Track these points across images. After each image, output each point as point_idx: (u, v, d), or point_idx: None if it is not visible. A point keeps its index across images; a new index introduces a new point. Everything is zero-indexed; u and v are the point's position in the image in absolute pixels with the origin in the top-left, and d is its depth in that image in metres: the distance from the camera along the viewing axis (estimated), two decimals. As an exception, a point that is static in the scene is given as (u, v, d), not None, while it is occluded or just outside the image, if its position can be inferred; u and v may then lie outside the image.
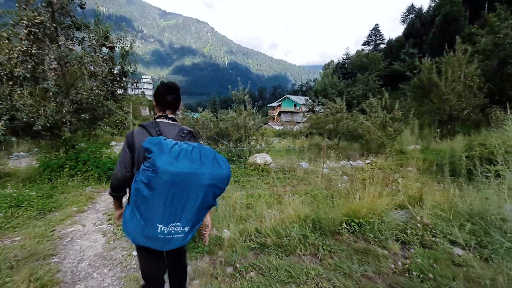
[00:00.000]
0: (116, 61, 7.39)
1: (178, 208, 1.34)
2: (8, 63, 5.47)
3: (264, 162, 9.27)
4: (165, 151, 1.31)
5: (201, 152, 1.39)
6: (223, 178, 1.43)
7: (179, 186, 1.30)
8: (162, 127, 1.61)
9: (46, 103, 5.74)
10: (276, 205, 5.75)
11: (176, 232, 1.38)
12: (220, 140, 10.55)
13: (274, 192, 7.04)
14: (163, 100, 1.67)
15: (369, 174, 8.19)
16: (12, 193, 4.90)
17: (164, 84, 1.70)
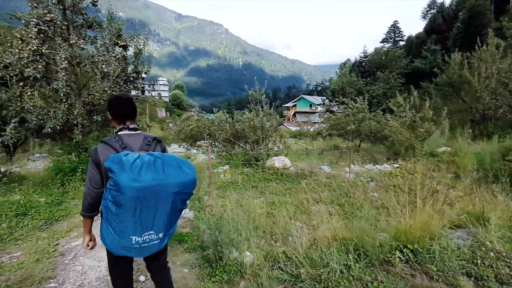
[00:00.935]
0: (129, 61, 7.08)
1: (148, 218, 1.38)
2: (18, 63, 5.24)
3: (283, 165, 8.73)
4: (126, 169, 1.32)
5: (164, 162, 1.40)
6: (189, 184, 1.45)
7: (145, 199, 1.33)
8: (125, 139, 1.60)
9: (57, 105, 5.48)
10: (299, 214, 5.23)
11: (151, 239, 1.43)
12: (237, 142, 10.10)
13: (295, 199, 6.50)
14: (120, 113, 1.65)
15: (401, 181, 7.48)
16: (19, 200, 4.63)
17: (116, 96, 1.70)
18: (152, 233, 1.42)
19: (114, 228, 1.39)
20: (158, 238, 1.45)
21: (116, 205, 1.34)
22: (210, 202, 4.94)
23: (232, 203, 5.22)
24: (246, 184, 7.30)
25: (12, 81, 5.12)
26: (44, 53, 5.46)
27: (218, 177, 7.31)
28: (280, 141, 10.07)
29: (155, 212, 1.39)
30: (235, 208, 5.10)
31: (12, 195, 5.32)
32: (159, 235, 1.45)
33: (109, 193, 1.36)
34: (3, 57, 5.17)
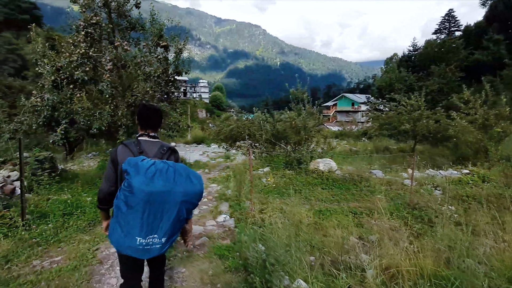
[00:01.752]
0: (171, 61, 7.02)
1: (154, 222, 1.45)
2: (68, 66, 5.42)
3: (328, 168, 7.98)
4: (141, 173, 1.44)
5: (175, 171, 1.50)
6: (195, 195, 1.54)
7: (154, 203, 1.43)
8: (144, 145, 1.72)
9: (103, 106, 5.56)
10: (353, 226, 4.54)
11: (154, 243, 1.48)
12: (277, 143, 9.61)
13: (346, 207, 5.77)
14: (146, 121, 1.77)
15: (475, 190, 6.25)
16: (67, 199, 4.73)
17: (146, 105, 1.81)
18: (156, 237, 1.47)
19: (122, 227, 1.46)
20: (160, 243, 1.49)
21: (127, 206, 1.43)
22: (252, 209, 4.51)
23: (275, 210, 4.74)
24: (289, 188, 6.76)
25: (63, 83, 5.30)
26: (91, 56, 5.58)
27: (259, 181, 6.88)
28: (325, 142, 9.30)
29: (161, 218, 1.45)
30: (279, 216, 4.61)
31: (63, 193, 5.52)
32: (161, 240, 1.49)
33: (122, 193, 1.46)
34: (55, 61, 5.38)
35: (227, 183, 7.40)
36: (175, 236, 1.57)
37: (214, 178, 8.59)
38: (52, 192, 5.36)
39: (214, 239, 3.41)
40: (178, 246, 3.32)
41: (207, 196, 5.90)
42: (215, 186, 7.28)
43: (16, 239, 3.36)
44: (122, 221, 1.46)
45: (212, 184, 7.66)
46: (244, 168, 8.83)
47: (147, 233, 1.45)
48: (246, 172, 8.16)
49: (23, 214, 3.70)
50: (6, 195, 4.73)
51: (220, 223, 4.07)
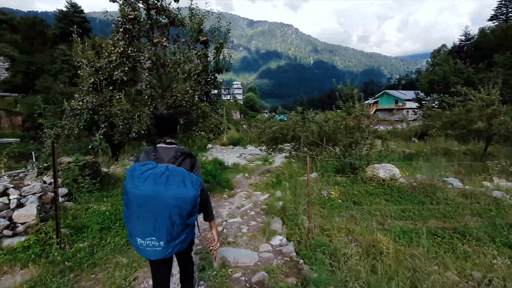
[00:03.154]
0: (210, 58, 6.46)
1: (149, 224, 1.49)
2: (108, 67, 5.09)
3: (390, 176, 6.80)
4: (134, 176, 1.52)
5: (170, 175, 1.53)
6: (187, 200, 1.52)
7: (145, 206, 1.48)
8: (160, 151, 1.83)
9: (142, 108, 5.14)
10: (450, 259, 3.48)
11: (153, 245, 1.51)
12: (325, 146, 8.61)
13: (423, 225, 4.65)
14: (160, 128, 1.90)
15: None
16: (106, 211, 4.33)
17: (157, 115, 1.94)
18: (154, 239, 1.50)
19: (127, 227, 1.60)
20: (160, 246, 1.51)
21: (126, 207, 1.56)
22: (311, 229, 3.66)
23: (340, 231, 3.83)
24: (344, 199, 5.76)
25: (102, 85, 4.98)
26: (130, 55, 5.20)
27: (314, 191, 5.98)
28: (384, 144, 8.08)
29: (155, 220, 1.48)
30: (348, 240, 3.70)
31: (103, 202, 5.21)
32: (160, 243, 1.51)
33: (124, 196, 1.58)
34: (94, 61, 5.09)
35: (273, 191, 6.64)
36: (177, 240, 1.55)
37: (256, 184, 7.89)
38: (92, 201, 5.07)
39: (275, 275, 2.64)
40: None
41: (254, 208, 5.17)
42: (260, 194, 6.55)
43: (48, 261, 2.94)
44: (127, 221, 1.57)
45: (256, 191, 6.95)
46: (294, 174, 8.00)
47: (145, 235, 1.50)
48: (294, 178, 7.33)
49: (57, 230, 3.31)
50: (46, 204, 4.49)
51: (277, 247, 3.29)
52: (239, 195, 6.48)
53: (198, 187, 1.58)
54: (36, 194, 3.99)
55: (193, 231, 1.68)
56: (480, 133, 9.99)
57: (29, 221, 3.67)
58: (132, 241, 1.57)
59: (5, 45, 29.37)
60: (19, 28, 33.95)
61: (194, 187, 1.55)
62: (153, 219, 1.47)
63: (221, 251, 3.12)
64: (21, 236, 3.50)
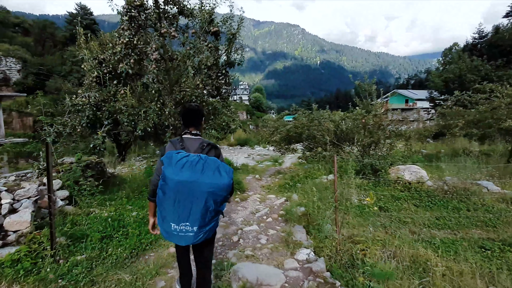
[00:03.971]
0: (221, 50, 6.00)
1: (184, 210, 1.59)
2: (112, 59, 4.67)
3: (417, 178, 6.23)
4: (172, 163, 1.61)
5: (205, 164, 1.61)
6: (222, 186, 1.60)
7: (182, 192, 1.57)
8: (186, 142, 1.89)
9: (148, 104, 4.71)
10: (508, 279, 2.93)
11: (187, 230, 1.61)
12: (342, 146, 8.06)
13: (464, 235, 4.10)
14: (186, 120, 1.95)
15: None
16: (108, 217, 3.90)
17: (186, 106, 2.02)
18: (188, 225, 1.59)
19: (161, 212, 1.69)
20: (192, 231, 1.60)
21: (162, 193, 1.63)
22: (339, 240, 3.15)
23: (375, 243, 3.30)
24: (371, 204, 5.21)
25: (105, 78, 4.56)
26: (136, 46, 4.78)
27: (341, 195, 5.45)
28: (407, 144, 7.50)
29: (191, 206, 1.57)
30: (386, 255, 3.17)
31: (107, 206, 4.80)
32: (193, 228, 1.60)
33: (160, 182, 1.66)
34: (98, 53, 4.69)
35: (289, 194, 6.14)
36: (208, 227, 1.64)
37: (268, 187, 7.40)
38: (95, 205, 4.66)
39: (308, 302, 2.14)
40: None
41: (271, 214, 4.67)
42: (274, 198, 6.05)
43: (38, 278, 2.50)
44: (161, 207, 1.67)
45: (269, 194, 6.45)
46: (309, 175, 7.48)
47: (180, 220, 1.60)
48: (310, 180, 6.80)
49: (52, 241, 2.88)
50: (43, 209, 4.09)
51: (304, 263, 2.79)
52: (252, 198, 6.00)
53: (231, 175, 1.66)
54: (31, 198, 3.58)
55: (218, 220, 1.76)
56: (508, 132, 9.29)
57: (22, 228, 3.27)
58: (164, 226, 1.66)
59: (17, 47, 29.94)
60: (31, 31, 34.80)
61: (228, 175, 1.64)
62: (189, 205, 1.56)
63: (240, 267, 2.64)
64: (12, 246, 3.10)
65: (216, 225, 1.72)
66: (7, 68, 27.78)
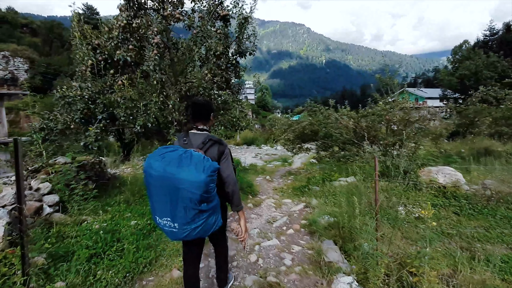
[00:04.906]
0: (231, 38, 5.36)
1: (164, 205, 1.54)
2: (108, 44, 4.06)
3: (452, 181, 5.50)
4: (153, 157, 1.57)
5: (184, 158, 1.52)
6: (195, 184, 1.47)
7: (160, 187, 1.52)
8: (191, 137, 1.84)
9: (149, 96, 4.09)
10: None
11: (170, 226, 1.56)
12: (362, 145, 7.35)
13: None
14: (193, 114, 1.89)
15: None
16: (100, 230, 3.27)
17: (193, 100, 1.94)
18: (169, 220, 1.54)
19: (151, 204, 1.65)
20: (175, 227, 1.54)
21: (147, 186, 1.61)
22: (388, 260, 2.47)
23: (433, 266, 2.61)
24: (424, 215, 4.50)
25: (100, 66, 3.95)
26: (135, 30, 4.16)
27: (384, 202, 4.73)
28: (437, 143, 6.76)
29: (169, 201, 1.51)
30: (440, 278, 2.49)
31: (104, 212, 4.20)
32: (174, 224, 1.53)
33: None
34: (92, 38, 4.08)
35: (306, 199, 5.47)
36: (194, 225, 1.54)
37: (281, 189, 6.73)
38: (88, 211, 4.06)
39: None
40: None
41: (291, 223, 4.00)
42: (290, 202, 5.39)
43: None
44: (149, 199, 1.64)
45: (284, 198, 5.78)
46: (326, 177, 6.78)
47: (162, 214, 1.56)
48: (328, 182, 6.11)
49: (23, 265, 2.25)
50: (28, 216, 3.50)
51: (347, 297, 2.12)
52: (266, 203, 5.34)
53: (210, 172, 1.51)
54: (6, 207, 2.98)
55: (217, 218, 1.65)
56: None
57: (-8, 245, 2.67)
58: (154, 219, 1.65)
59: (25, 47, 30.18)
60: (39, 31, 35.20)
61: (205, 172, 1.49)
62: (167, 200, 1.51)
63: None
64: (-22, 267, 2.50)
65: (209, 223, 1.59)
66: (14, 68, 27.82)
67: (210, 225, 1.59)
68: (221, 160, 1.77)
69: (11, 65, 27.86)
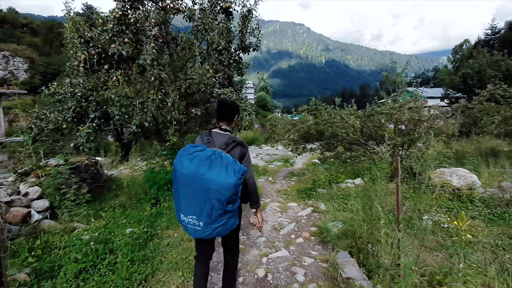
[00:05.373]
0: (234, 33, 5.06)
1: (190, 203, 1.57)
2: (102, 38, 3.75)
3: (466, 183, 5.22)
4: (183, 156, 1.60)
5: (215, 160, 1.55)
6: (227, 186, 1.50)
7: (187, 185, 1.56)
8: (214, 136, 1.85)
9: (145, 93, 3.78)
10: None
11: (194, 224, 1.58)
12: (368, 145, 7.05)
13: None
14: (217, 114, 1.92)
15: None
16: (90, 241, 2.96)
17: (219, 100, 1.97)
18: (194, 218, 1.56)
19: (174, 202, 1.71)
20: (199, 225, 1.56)
21: (174, 183, 1.66)
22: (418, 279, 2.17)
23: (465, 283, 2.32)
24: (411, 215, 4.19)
25: (92, 60, 3.65)
26: (131, 22, 3.85)
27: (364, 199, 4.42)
28: (448, 144, 6.48)
29: (196, 200, 1.54)
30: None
31: (97, 220, 3.89)
32: (199, 223, 1.56)
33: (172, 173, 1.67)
34: (84, 30, 3.78)
35: (314, 203, 5.17)
36: (217, 224, 1.56)
37: (285, 192, 6.43)
38: (81, 218, 3.76)
39: None
40: None
41: (299, 230, 3.69)
42: (296, 206, 5.09)
43: None
44: (174, 197, 1.68)
45: (289, 202, 5.49)
46: (332, 179, 6.48)
47: (187, 212, 1.58)
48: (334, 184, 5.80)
49: (1, 285, 1.95)
50: (13, 225, 3.20)
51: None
52: (270, 207, 5.04)
53: (240, 175, 1.54)
54: (-15, 215, 2.68)
55: (236, 218, 1.68)
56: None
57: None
58: (177, 216, 1.68)
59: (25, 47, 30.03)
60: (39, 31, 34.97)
61: (236, 175, 1.52)
62: (194, 199, 1.54)
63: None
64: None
65: (229, 223, 1.62)
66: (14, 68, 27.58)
67: (229, 225, 1.63)
68: (242, 162, 1.80)
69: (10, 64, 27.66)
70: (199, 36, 4.37)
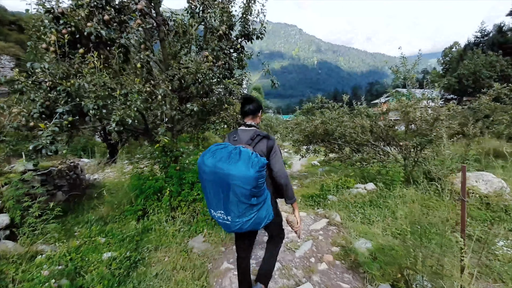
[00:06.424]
0: (236, 18, 4.41)
1: (217, 198, 1.60)
2: (75, 14, 3.03)
3: (494, 189, 4.70)
4: (206, 153, 1.64)
5: (235, 154, 1.56)
6: (245, 180, 1.50)
7: (210, 180, 1.59)
8: (239, 133, 1.88)
9: (130, 83, 3.07)
10: None
11: (223, 218, 1.62)
12: (379, 146, 6.49)
13: None
14: (242, 109, 1.93)
15: None
16: (56, 273, 2.23)
17: (244, 96, 2.03)
18: (222, 213, 1.60)
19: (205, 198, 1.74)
20: (227, 220, 1.60)
21: (200, 181, 1.71)
22: None
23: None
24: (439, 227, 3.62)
25: (63, 41, 2.91)
26: (113, -4, 3.13)
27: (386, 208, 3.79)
28: (468, 145, 5.97)
29: (222, 195, 1.56)
30: None
31: (68, 240, 3.15)
32: (227, 217, 1.59)
33: None
34: (56, 3, 3.03)
35: (326, 211, 4.53)
36: (245, 218, 1.58)
37: (290, 198, 5.77)
38: (48, 238, 3.01)
39: None
40: None
41: (321, 253, 3.02)
42: (305, 216, 4.43)
43: None
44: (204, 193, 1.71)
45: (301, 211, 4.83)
46: (340, 184, 5.86)
47: (216, 207, 1.62)
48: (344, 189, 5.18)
49: None
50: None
51: None
52: (277, 218, 4.37)
53: (258, 168, 1.52)
54: None
55: (268, 212, 1.66)
56: None
57: None
58: (209, 211, 1.70)
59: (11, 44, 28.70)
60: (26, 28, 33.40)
61: (254, 167, 1.51)
62: (219, 194, 1.56)
63: None
64: None
65: (261, 217, 1.62)
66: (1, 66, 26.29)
67: (261, 218, 1.63)
68: (270, 155, 1.78)
69: (-4, 62, 26.44)
70: (196, 18, 3.68)
